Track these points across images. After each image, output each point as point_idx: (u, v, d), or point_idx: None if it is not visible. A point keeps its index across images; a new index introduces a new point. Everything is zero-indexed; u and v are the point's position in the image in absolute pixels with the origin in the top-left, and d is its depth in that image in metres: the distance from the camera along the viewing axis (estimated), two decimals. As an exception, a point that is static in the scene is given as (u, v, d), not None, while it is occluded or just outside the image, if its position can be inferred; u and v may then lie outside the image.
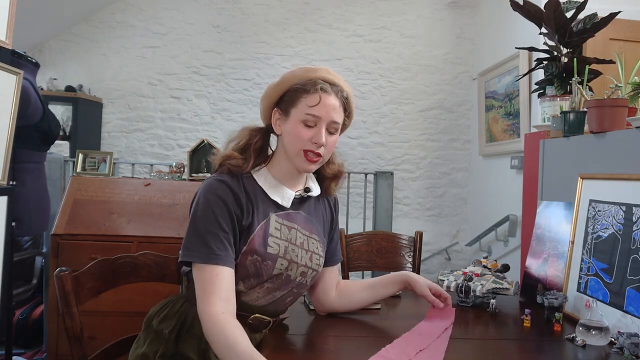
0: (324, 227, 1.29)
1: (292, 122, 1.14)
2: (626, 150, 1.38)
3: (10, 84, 1.78)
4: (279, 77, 1.17)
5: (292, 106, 1.14)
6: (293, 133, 1.14)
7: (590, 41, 2.17)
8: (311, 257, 1.19)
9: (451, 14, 4.22)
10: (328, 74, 1.16)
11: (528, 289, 1.49)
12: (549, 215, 1.56)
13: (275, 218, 1.16)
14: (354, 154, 4.21)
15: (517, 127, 3.34)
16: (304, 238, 1.20)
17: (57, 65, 4.14)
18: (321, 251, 1.23)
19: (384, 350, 1.02)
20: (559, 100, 1.87)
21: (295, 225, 1.19)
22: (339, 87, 1.16)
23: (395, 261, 2.16)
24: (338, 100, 1.15)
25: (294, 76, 1.15)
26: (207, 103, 4.20)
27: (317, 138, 1.13)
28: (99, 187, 2.51)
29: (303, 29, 4.20)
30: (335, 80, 1.17)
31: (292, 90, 1.14)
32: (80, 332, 1.12)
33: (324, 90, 1.13)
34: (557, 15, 1.84)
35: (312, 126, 1.13)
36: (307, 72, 1.15)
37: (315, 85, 1.13)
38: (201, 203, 1.10)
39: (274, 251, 1.12)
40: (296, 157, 1.15)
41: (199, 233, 1.07)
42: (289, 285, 1.17)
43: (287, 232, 1.17)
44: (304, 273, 1.18)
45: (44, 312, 2.68)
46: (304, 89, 1.13)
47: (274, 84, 1.17)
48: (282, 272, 1.14)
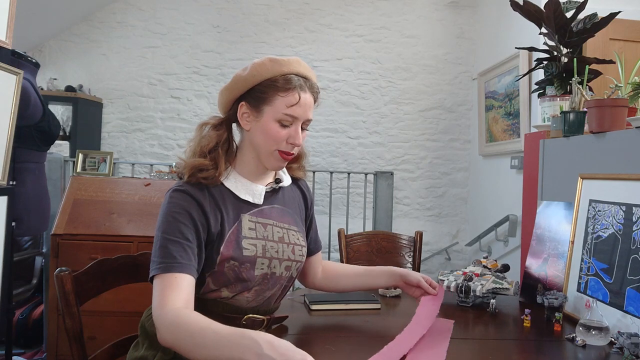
0: (300, 215, 1.26)
1: (266, 121, 1.08)
2: (626, 150, 1.38)
3: (10, 84, 1.78)
4: (248, 67, 1.10)
5: (266, 103, 1.08)
6: (268, 133, 1.08)
7: (590, 41, 2.18)
8: (293, 249, 1.16)
9: (451, 14, 4.22)
10: (299, 66, 1.11)
11: (528, 289, 1.49)
12: (549, 215, 1.56)
13: (248, 218, 1.12)
14: (354, 154, 4.21)
15: (517, 127, 3.34)
16: (283, 231, 1.16)
17: (57, 65, 4.15)
18: (302, 241, 1.21)
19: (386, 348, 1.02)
20: (559, 100, 1.87)
21: (271, 220, 1.15)
22: (310, 80, 1.12)
23: (395, 261, 2.16)
24: (312, 96, 1.12)
25: (265, 69, 1.08)
26: (207, 103, 4.20)
27: (295, 139, 1.09)
28: (99, 187, 2.51)
29: (303, 29, 4.20)
30: (308, 73, 1.12)
31: (264, 85, 1.08)
32: (80, 332, 1.12)
33: (301, 88, 1.08)
34: (557, 15, 1.84)
35: (288, 125, 1.09)
36: (279, 65, 1.08)
37: (291, 82, 1.07)
38: (163, 214, 1.05)
39: (250, 253, 1.09)
40: (269, 157, 1.11)
41: (160, 244, 1.01)
42: (277, 283, 1.15)
43: (262, 229, 1.13)
44: (289, 267, 1.16)
45: (44, 312, 2.68)
46: (281, 86, 1.07)
47: (242, 76, 1.10)
48: (266, 272, 1.11)
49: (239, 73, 1.11)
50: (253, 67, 1.09)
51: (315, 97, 1.13)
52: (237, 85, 1.11)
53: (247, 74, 1.09)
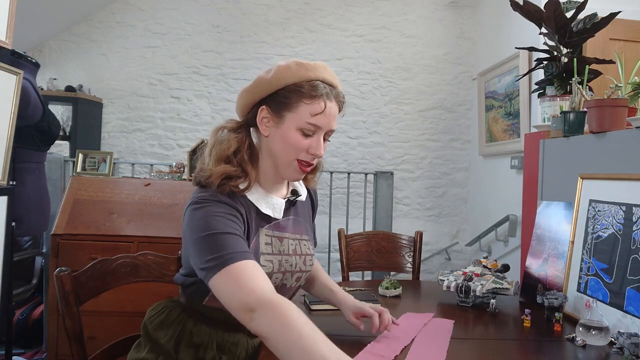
0: (310, 222, 1.24)
1: (288, 128, 1.02)
2: (626, 150, 1.38)
3: (10, 84, 1.78)
4: (272, 70, 1.03)
5: (289, 110, 1.01)
6: (288, 141, 1.02)
7: (590, 41, 2.18)
8: (304, 260, 1.14)
9: (451, 14, 4.22)
10: (326, 72, 1.05)
11: (528, 289, 1.49)
12: (549, 215, 1.56)
13: (265, 232, 1.07)
14: (354, 154, 4.21)
15: (517, 127, 3.34)
16: (296, 243, 1.14)
17: (57, 65, 4.14)
18: (312, 249, 1.18)
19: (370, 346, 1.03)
20: (559, 100, 1.87)
21: (287, 234, 1.12)
22: (336, 88, 1.07)
23: (395, 261, 2.16)
24: (337, 105, 1.06)
25: (291, 73, 1.02)
26: (207, 103, 4.20)
27: (316, 149, 1.03)
28: (99, 187, 2.51)
29: (303, 29, 4.20)
30: (334, 81, 1.06)
31: (289, 90, 1.01)
32: (80, 332, 1.12)
33: (328, 96, 1.02)
34: (557, 15, 1.84)
35: (310, 135, 1.03)
36: (306, 69, 1.02)
37: (317, 89, 1.01)
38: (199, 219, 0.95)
39: (267, 270, 1.04)
40: (287, 167, 1.05)
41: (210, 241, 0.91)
42: (286, 293, 1.13)
43: (278, 244, 1.09)
44: (299, 278, 1.15)
45: (44, 312, 2.68)
46: (306, 93, 1.01)
47: (266, 79, 1.03)
48: (277, 285, 1.08)
49: (262, 75, 1.05)
50: (278, 70, 1.03)
51: (340, 106, 1.07)
52: (260, 88, 1.04)
53: (271, 77, 1.03)
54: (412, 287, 1.77)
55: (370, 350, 1.01)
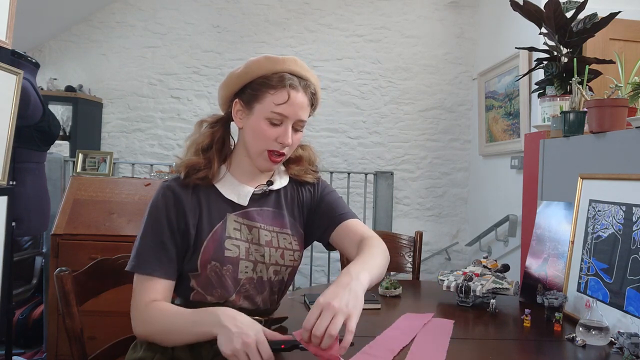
0: (301, 217, 1.22)
1: (256, 119, 1.07)
2: (626, 150, 1.38)
3: (10, 84, 1.78)
4: (243, 65, 1.09)
5: (256, 101, 1.07)
6: (257, 131, 1.07)
7: (590, 41, 2.17)
8: (282, 254, 1.13)
9: (451, 14, 4.22)
10: (295, 65, 1.08)
11: (528, 289, 1.49)
12: (549, 215, 1.56)
13: (233, 218, 1.10)
14: (354, 154, 4.21)
15: (517, 127, 3.34)
16: (272, 235, 1.13)
17: (57, 65, 4.15)
18: (295, 245, 1.17)
19: (367, 347, 1.03)
20: (559, 100, 1.87)
21: (257, 223, 1.12)
22: (307, 81, 1.10)
23: (396, 261, 2.16)
24: (306, 96, 1.09)
25: (259, 66, 1.07)
26: (207, 103, 4.20)
27: (283, 138, 1.07)
28: (99, 187, 2.51)
29: (303, 29, 4.20)
30: (303, 72, 1.09)
31: (257, 82, 1.07)
32: (80, 332, 1.12)
33: (293, 86, 1.06)
34: (557, 15, 1.84)
35: (278, 124, 1.07)
36: (274, 63, 1.07)
37: (282, 80, 1.05)
38: (148, 211, 1.08)
39: (232, 254, 1.07)
40: (258, 157, 1.10)
41: (140, 243, 1.06)
42: (266, 286, 1.13)
43: (247, 232, 1.11)
44: (277, 271, 1.13)
45: (44, 312, 2.68)
46: (271, 84, 1.05)
47: (236, 73, 1.10)
48: (252, 277, 1.09)
49: (233, 70, 1.11)
50: (247, 64, 1.09)
51: (310, 97, 1.10)
52: (231, 82, 1.11)
53: (240, 71, 1.09)
54: (412, 287, 1.77)
55: (367, 351, 1.01)
